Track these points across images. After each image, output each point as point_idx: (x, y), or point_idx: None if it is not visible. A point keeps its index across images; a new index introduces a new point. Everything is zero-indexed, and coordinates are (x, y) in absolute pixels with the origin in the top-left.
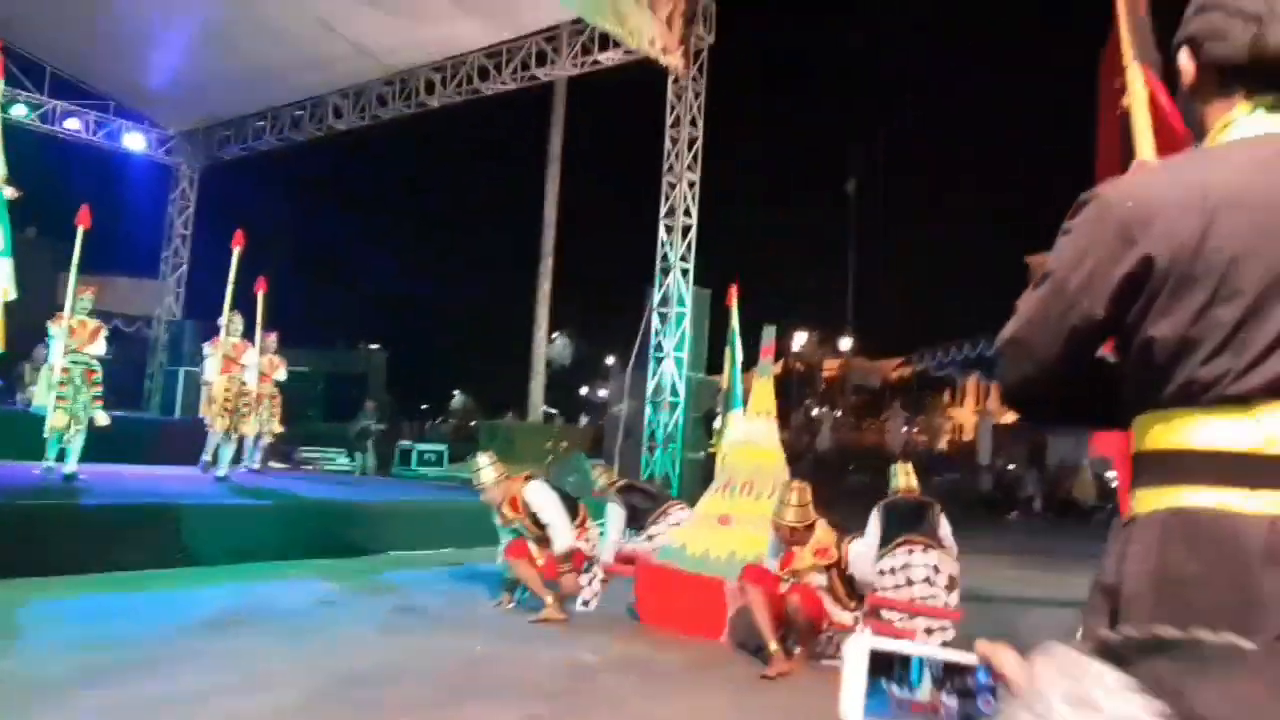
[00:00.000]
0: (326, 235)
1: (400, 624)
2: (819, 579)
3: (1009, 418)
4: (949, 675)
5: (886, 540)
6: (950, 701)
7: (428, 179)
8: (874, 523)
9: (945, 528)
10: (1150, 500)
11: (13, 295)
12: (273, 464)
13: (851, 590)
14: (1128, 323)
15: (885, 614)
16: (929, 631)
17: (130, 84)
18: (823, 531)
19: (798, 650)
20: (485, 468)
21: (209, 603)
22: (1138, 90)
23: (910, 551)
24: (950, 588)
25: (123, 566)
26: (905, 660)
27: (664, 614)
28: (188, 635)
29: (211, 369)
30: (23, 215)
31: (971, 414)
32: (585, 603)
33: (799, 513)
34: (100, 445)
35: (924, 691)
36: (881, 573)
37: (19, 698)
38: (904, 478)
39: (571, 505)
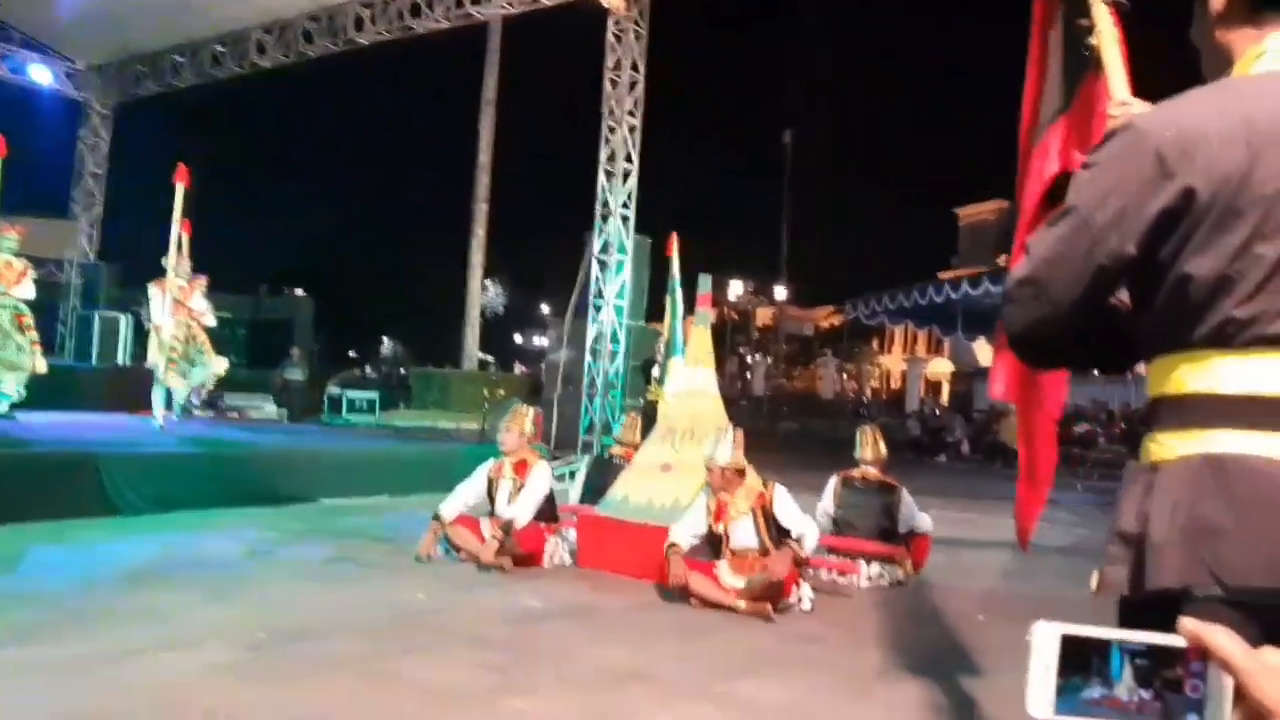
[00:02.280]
0: (250, 177)
1: (337, 574)
2: (747, 525)
3: (935, 368)
4: (1151, 663)
5: (836, 525)
6: (1148, 695)
7: (357, 121)
8: (829, 496)
9: (907, 512)
10: (1175, 446)
11: None
12: (197, 412)
13: (777, 537)
14: (1159, 260)
15: (829, 556)
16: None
17: (35, 13)
18: (753, 478)
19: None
20: (525, 417)
21: (133, 555)
22: (1107, 28)
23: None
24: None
25: (39, 517)
26: (1103, 651)
27: (607, 561)
28: (111, 590)
29: (159, 311)
30: None
31: (900, 361)
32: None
33: (735, 454)
34: (32, 391)
35: (1125, 685)
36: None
37: None
38: (870, 449)
39: (553, 507)
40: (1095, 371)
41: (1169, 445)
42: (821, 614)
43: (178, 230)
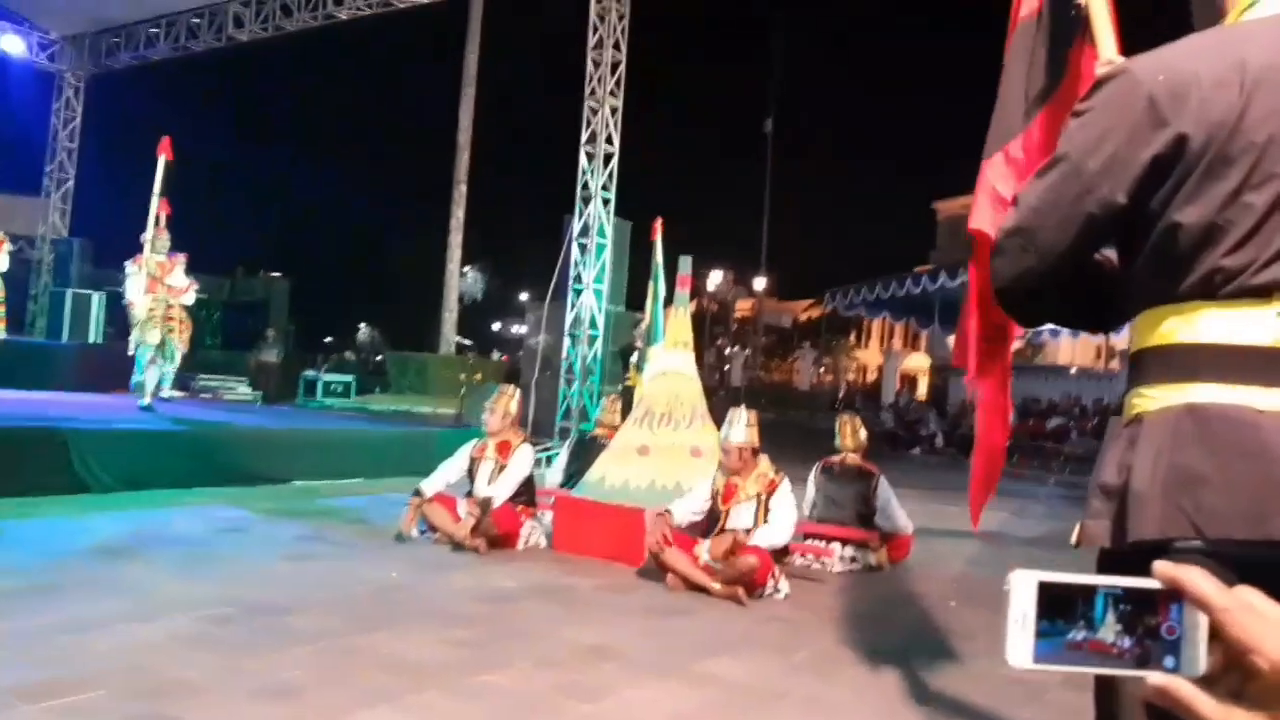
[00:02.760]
0: (226, 155)
1: (308, 552)
2: (749, 510)
3: (911, 362)
4: (1128, 608)
5: (816, 510)
6: (1126, 641)
7: (335, 99)
8: (810, 485)
9: (884, 497)
10: (1158, 398)
11: None
12: (171, 391)
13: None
14: (1149, 209)
15: (805, 541)
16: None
17: None
18: (765, 464)
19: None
20: (511, 399)
21: (103, 529)
22: None
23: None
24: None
25: (6, 494)
26: (1086, 595)
27: (583, 544)
28: (80, 563)
29: (134, 288)
30: None
31: (878, 355)
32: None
33: (749, 432)
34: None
35: (1108, 628)
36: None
37: None
38: (850, 437)
39: (531, 490)
40: (1078, 332)
41: (1152, 397)
42: (795, 598)
43: (156, 205)
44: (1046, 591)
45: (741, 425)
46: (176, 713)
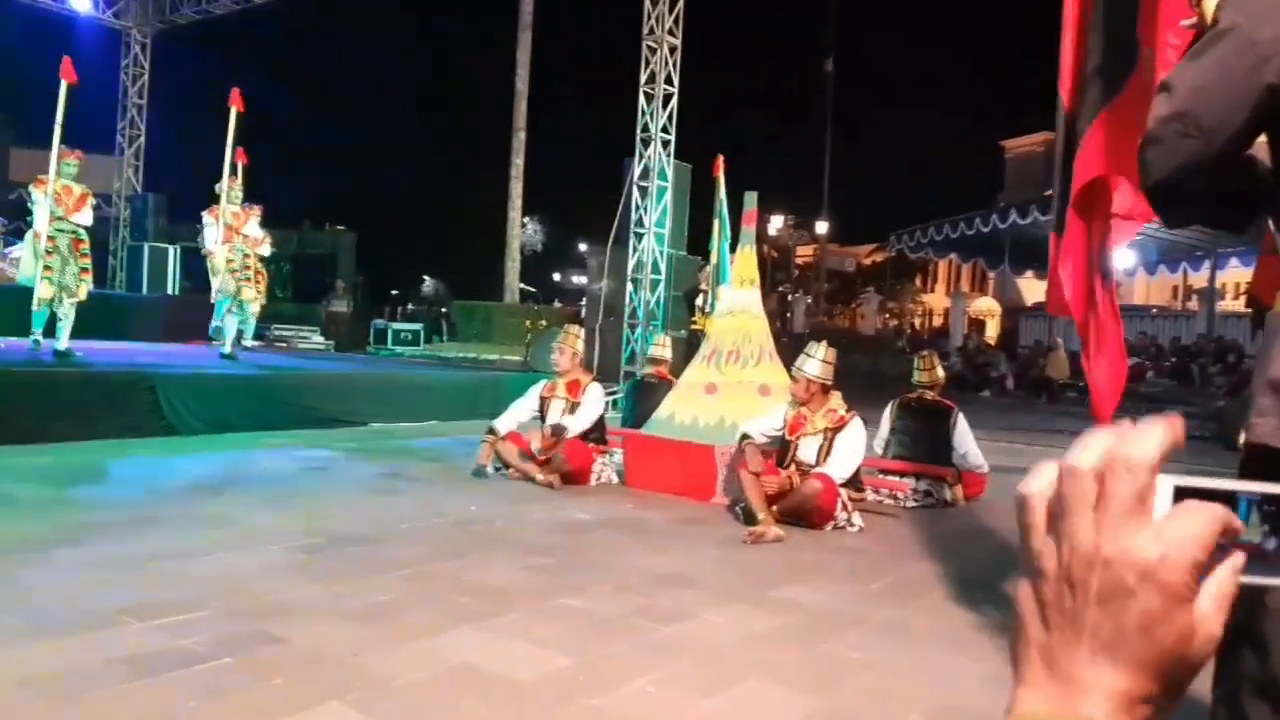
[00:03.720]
0: (288, 109)
1: (390, 487)
2: (814, 444)
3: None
4: (1274, 508)
5: (890, 446)
6: (1272, 543)
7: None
8: (885, 420)
9: (961, 433)
10: None
11: None
12: (246, 341)
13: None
14: None
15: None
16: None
17: None
18: (837, 401)
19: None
20: (577, 338)
21: (193, 468)
22: None
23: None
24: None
25: (101, 436)
26: (1228, 501)
27: (653, 480)
28: (173, 498)
29: (211, 238)
30: None
31: (944, 299)
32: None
33: (822, 368)
34: (86, 321)
35: (1254, 529)
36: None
37: (1, 558)
38: (927, 373)
39: (602, 429)
40: (1155, 271)
41: None
42: (869, 531)
43: (231, 155)
44: (1182, 497)
45: (817, 359)
46: (276, 630)
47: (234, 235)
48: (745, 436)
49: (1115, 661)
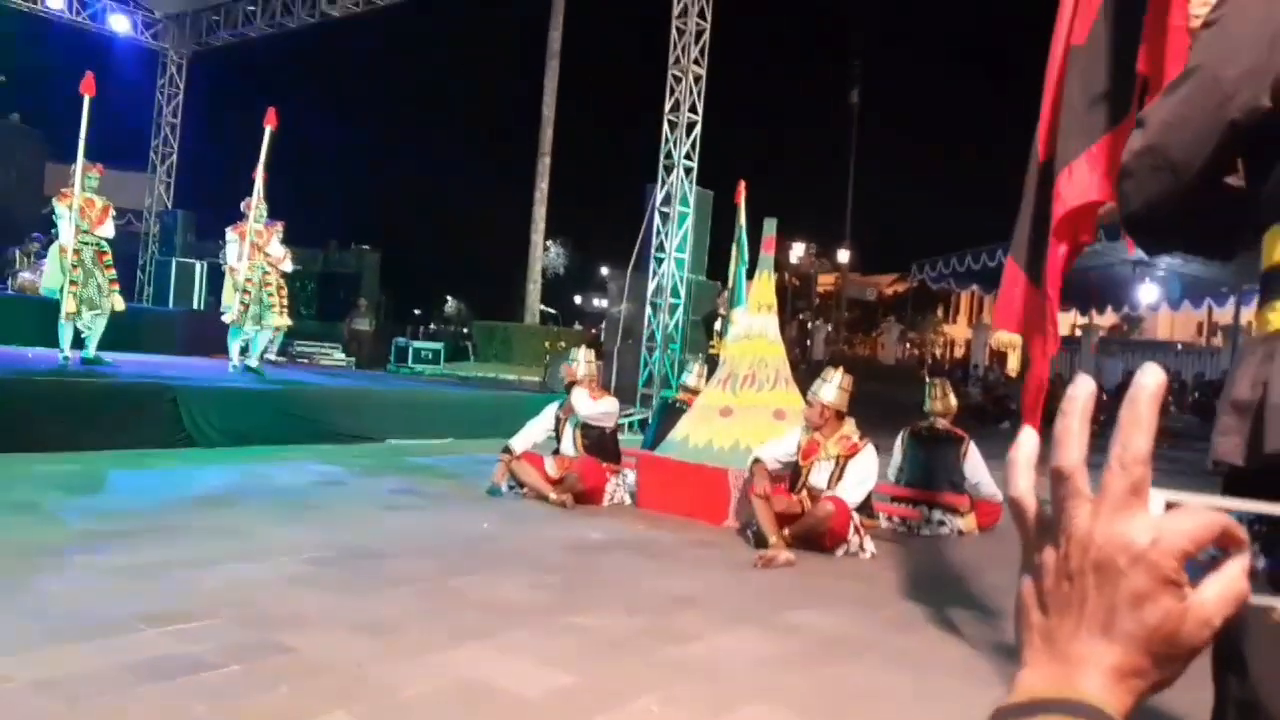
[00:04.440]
0: (318, 131)
1: (403, 503)
2: (826, 470)
3: (1001, 337)
4: (1263, 527)
5: (903, 474)
6: (1261, 562)
7: (423, 74)
8: (897, 448)
9: (973, 462)
10: None
11: None
12: (268, 357)
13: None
14: None
15: (893, 504)
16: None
17: None
18: (850, 428)
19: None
20: (590, 362)
21: (210, 480)
22: None
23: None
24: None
25: (121, 446)
26: None
27: (666, 502)
28: (189, 508)
29: (233, 254)
30: (3, 101)
31: (965, 329)
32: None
33: (838, 394)
34: (111, 333)
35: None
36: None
37: (19, 563)
38: (939, 400)
39: (615, 447)
40: (1179, 306)
41: None
42: (880, 558)
43: (263, 174)
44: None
45: (833, 385)
46: (285, 640)
47: (257, 253)
48: (757, 460)
49: (1109, 638)
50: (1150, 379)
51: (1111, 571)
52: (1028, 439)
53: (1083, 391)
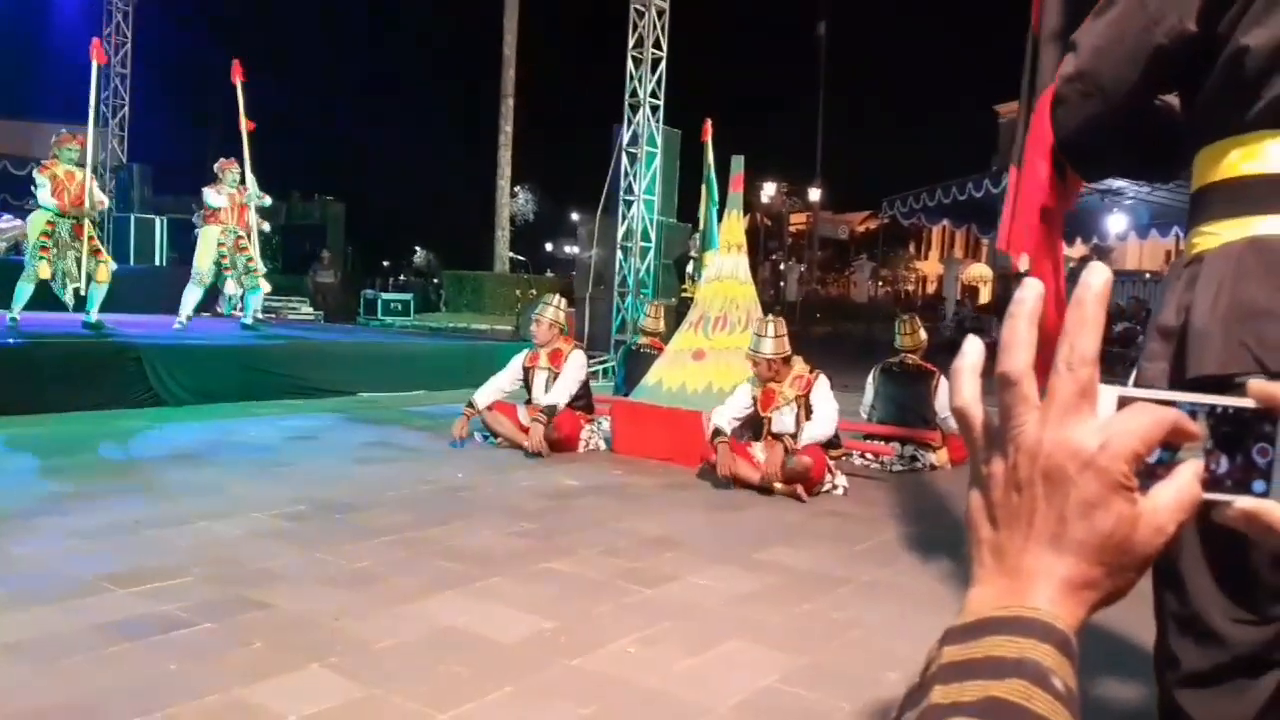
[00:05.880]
0: (272, 82)
1: (376, 456)
2: (789, 412)
3: (972, 271)
4: (1216, 425)
5: (876, 411)
6: (1217, 462)
7: (381, 18)
8: (869, 386)
9: (943, 397)
10: (1220, 234)
11: None
12: (235, 314)
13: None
14: (1217, 34)
15: (864, 440)
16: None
17: None
18: (800, 365)
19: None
20: (557, 309)
21: (179, 438)
22: None
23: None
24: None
25: (87, 407)
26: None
27: (641, 447)
28: (158, 467)
29: (213, 198)
30: None
31: (937, 265)
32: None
33: (776, 344)
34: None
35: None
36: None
37: None
38: (908, 336)
39: (589, 397)
40: (1146, 235)
41: (1213, 234)
42: (853, 495)
43: (245, 129)
44: (1125, 406)
45: (769, 338)
46: (259, 596)
47: (233, 213)
48: (718, 432)
49: (1059, 549)
50: (1096, 278)
51: (1061, 479)
52: (972, 347)
53: (1031, 293)
